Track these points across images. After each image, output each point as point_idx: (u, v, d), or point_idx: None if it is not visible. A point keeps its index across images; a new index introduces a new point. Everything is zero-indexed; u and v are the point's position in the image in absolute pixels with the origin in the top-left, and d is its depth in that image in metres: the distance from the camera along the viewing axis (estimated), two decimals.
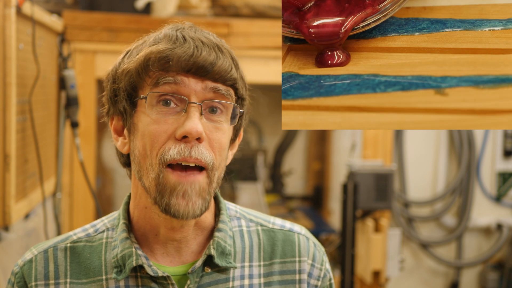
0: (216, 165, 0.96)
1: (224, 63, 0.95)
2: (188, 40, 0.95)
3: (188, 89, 0.94)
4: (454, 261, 3.37)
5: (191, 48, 0.94)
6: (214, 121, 0.96)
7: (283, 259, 1.05)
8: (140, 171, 0.96)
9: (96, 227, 1.05)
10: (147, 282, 0.97)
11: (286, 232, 1.08)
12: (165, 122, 0.94)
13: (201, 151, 0.93)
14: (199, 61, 0.93)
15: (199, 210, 0.94)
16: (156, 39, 0.98)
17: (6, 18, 1.56)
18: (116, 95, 1.00)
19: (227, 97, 0.96)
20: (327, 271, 1.09)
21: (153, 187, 0.94)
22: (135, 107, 0.98)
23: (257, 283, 1.02)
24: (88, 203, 2.26)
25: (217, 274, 1.00)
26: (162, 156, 0.93)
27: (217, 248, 1.00)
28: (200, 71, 0.94)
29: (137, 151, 0.97)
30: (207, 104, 0.95)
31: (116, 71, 1.00)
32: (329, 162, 3.37)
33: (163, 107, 0.94)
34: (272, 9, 2.74)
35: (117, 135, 1.03)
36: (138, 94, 0.97)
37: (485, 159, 3.39)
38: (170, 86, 0.94)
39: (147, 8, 2.40)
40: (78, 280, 0.99)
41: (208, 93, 0.95)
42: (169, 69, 0.94)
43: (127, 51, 1.01)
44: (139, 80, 0.97)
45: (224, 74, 0.95)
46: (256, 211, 1.12)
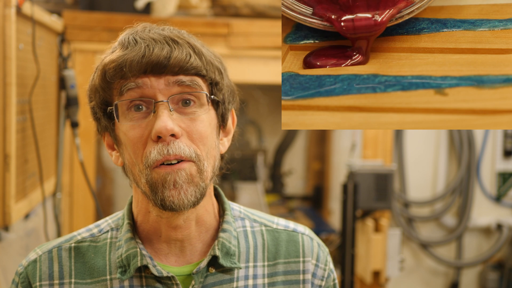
0: (203, 156, 0.95)
1: (180, 54, 0.94)
2: (139, 41, 0.95)
3: (152, 89, 0.94)
4: (454, 261, 3.37)
5: (142, 48, 0.93)
6: (188, 113, 0.95)
7: (287, 259, 1.05)
8: (135, 178, 0.97)
9: (101, 227, 1.05)
10: (152, 282, 0.97)
11: (290, 232, 1.08)
12: (139, 127, 0.94)
13: (178, 146, 0.93)
14: (153, 59, 0.93)
15: (193, 197, 0.94)
16: (113, 48, 0.99)
17: (6, 18, 1.56)
18: (95, 112, 1.01)
19: (194, 87, 0.95)
20: (331, 271, 1.09)
21: (147, 188, 0.94)
22: (112, 120, 0.99)
23: (261, 283, 1.02)
24: (88, 203, 2.26)
25: (221, 274, 1.00)
26: (146, 161, 0.93)
27: (221, 248, 1.00)
28: (157, 68, 0.93)
29: (127, 161, 0.98)
30: (176, 98, 0.95)
31: (89, 89, 1.01)
32: (329, 162, 3.37)
33: (135, 113, 0.95)
34: (272, 9, 2.74)
35: (110, 150, 1.04)
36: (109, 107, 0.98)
37: (485, 159, 3.39)
38: (135, 91, 0.94)
39: (147, 8, 2.40)
40: (82, 280, 0.99)
41: (173, 87, 0.94)
42: (127, 75, 0.94)
43: (96, 66, 1.01)
44: (106, 94, 0.97)
45: (183, 64, 0.94)
46: (259, 212, 1.12)
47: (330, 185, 3.36)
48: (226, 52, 2.33)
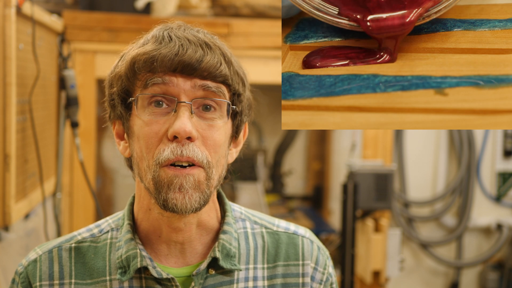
0: (213, 163, 0.95)
1: (212, 59, 0.94)
2: (174, 39, 0.94)
3: (177, 89, 0.94)
4: (454, 261, 3.37)
5: (176, 46, 0.93)
6: (207, 118, 0.95)
7: (286, 262, 1.05)
8: (140, 173, 0.97)
9: (101, 227, 1.05)
10: (151, 284, 0.97)
11: (290, 235, 1.08)
12: (156, 123, 0.94)
13: (193, 150, 0.93)
14: (185, 59, 0.92)
15: (197, 203, 0.93)
16: (145, 41, 0.98)
17: (6, 18, 1.56)
18: (113, 99, 1.00)
19: (218, 94, 0.95)
20: (329, 275, 1.08)
21: (152, 186, 0.94)
22: (129, 111, 0.98)
23: (261, 285, 1.02)
24: (88, 203, 2.26)
25: (221, 276, 1.00)
26: (158, 158, 0.93)
27: (222, 250, 0.99)
28: (187, 69, 0.93)
29: (135, 153, 0.97)
30: (198, 102, 0.95)
31: (111, 75, 1.01)
32: (329, 162, 3.37)
33: (155, 108, 0.94)
34: (272, 9, 2.74)
35: (119, 139, 1.03)
36: (131, 97, 0.97)
37: (485, 159, 3.39)
38: (159, 87, 0.94)
39: (147, 8, 2.40)
40: (82, 281, 0.99)
41: (198, 91, 0.94)
42: (156, 70, 0.93)
43: (122, 54, 1.01)
44: (129, 83, 0.97)
45: (212, 70, 0.94)
46: (260, 213, 1.12)
47: (330, 185, 3.36)
48: None
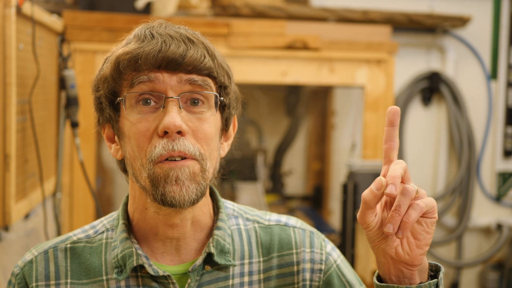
0: (206, 155, 0.96)
1: (196, 53, 0.95)
2: (156, 36, 0.95)
3: (164, 85, 0.94)
4: (454, 261, 3.37)
5: (159, 43, 0.94)
6: (196, 112, 0.96)
7: (280, 253, 1.06)
8: (135, 173, 0.97)
9: (96, 228, 1.05)
10: (148, 282, 0.98)
11: (282, 226, 1.09)
12: (146, 120, 0.94)
13: (184, 143, 0.93)
14: (168, 55, 0.93)
15: (194, 194, 0.94)
16: (127, 41, 0.99)
17: (6, 18, 1.56)
18: (100, 102, 1.01)
19: (205, 87, 0.96)
20: (328, 254, 1.08)
21: (148, 183, 0.94)
22: (118, 112, 0.99)
23: (256, 279, 1.03)
24: (88, 203, 2.26)
25: (217, 272, 1.01)
26: (150, 155, 0.93)
27: (216, 246, 1.00)
28: (171, 65, 0.93)
29: (128, 154, 0.98)
30: (186, 96, 0.95)
31: (97, 78, 1.01)
32: (329, 162, 3.37)
33: (143, 106, 0.95)
34: (272, 9, 2.74)
35: (110, 142, 1.04)
36: (119, 97, 0.98)
37: (485, 159, 3.39)
38: (146, 85, 0.94)
39: (147, 8, 2.40)
40: (79, 281, 0.99)
41: (184, 85, 0.95)
42: (141, 68, 0.94)
43: (106, 57, 1.01)
44: (116, 84, 0.97)
45: (197, 64, 0.94)
46: (252, 208, 1.13)
47: (330, 185, 3.36)
48: (226, 52, 2.33)
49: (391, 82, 2.53)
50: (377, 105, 2.52)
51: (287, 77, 2.41)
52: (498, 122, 3.37)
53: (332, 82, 2.51)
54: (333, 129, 3.31)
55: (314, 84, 2.57)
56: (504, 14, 3.32)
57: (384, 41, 2.56)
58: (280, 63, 2.40)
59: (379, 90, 2.51)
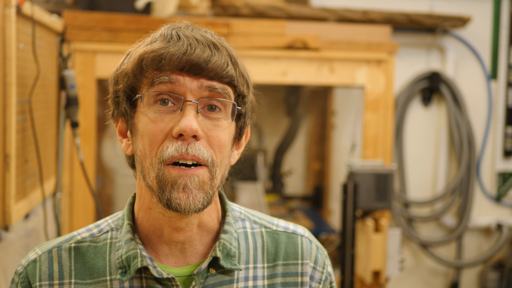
0: (217, 162, 0.96)
1: (219, 60, 0.94)
2: (182, 38, 0.95)
3: (184, 88, 0.94)
4: (454, 261, 3.37)
5: (185, 46, 0.93)
6: (212, 118, 0.96)
7: (286, 261, 1.05)
8: (143, 171, 0.97)
9: (100, 227, 1.05)
10: (152, 283, 0.97)
11: (289, 234, 1.08)
12: (162, 120, 0.94)
13: (198, 148, 0.93)
14: (193, 58, 0.93)
15: (201, 203, 0.94)
16: (153, 39, 0.98)
17: (6, 18, 1.56)
18: (117, 96, 1.00)
19: (224, 95, 0.96)
20: (328, 274, 1.09)
21: (155, 184, 0.94)
22: (134, 108, 0.98)
23: (261, 284, 1.03)
24: (88, 203, 2.26)
25: (221, 275, 1.00)
26: (161, 155, 0.93)
27: (222, 250, 1.00)
28: (194, 69, 0.93)
29: (139, 151, 0.97)
30: (204, 102, 0.95)
31: (117, 72, 1.01)
32: (329, 162, 3.37)
33: (161, 106, 0.95)
34: (272, 9, 2.74)
35: (121, 136, 1.03)
36: (137, 94, 0.98)
37: (485, 159, 3.39)
38: (166, 85, 0.94)
39: (147, 8, 2.40)
40: (82, 281, 0.99)
41: (204, 91, 0.95)
42: (163, 68, 0.94)
43: (128, 52, 1.01)
44: (136, 80, 0.97)
45: (219, 71, 0.94)
46: (260, 213, 1.12)
47: (330, 185, 3.36)
48: None
49: (391, 82, 2.53)
50: (377, 105, 2.52)
51: (287, 77, 2.41)
52: (498, 122, 3.37)
53: (332, 82, 2.51)
54: (333, 129, 3.31)
55: (314, 84, 2.57)
56: (504, 14, 3.32)
57: (384, 41, 2.56)
58: (280, 63, 2.40)
59: (379, 90, 2.51)
